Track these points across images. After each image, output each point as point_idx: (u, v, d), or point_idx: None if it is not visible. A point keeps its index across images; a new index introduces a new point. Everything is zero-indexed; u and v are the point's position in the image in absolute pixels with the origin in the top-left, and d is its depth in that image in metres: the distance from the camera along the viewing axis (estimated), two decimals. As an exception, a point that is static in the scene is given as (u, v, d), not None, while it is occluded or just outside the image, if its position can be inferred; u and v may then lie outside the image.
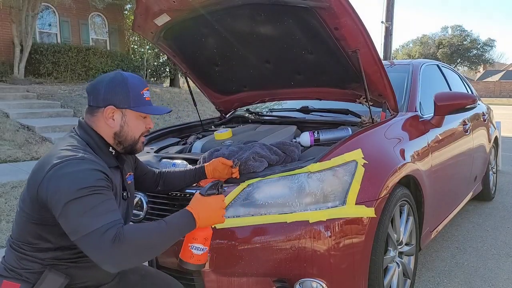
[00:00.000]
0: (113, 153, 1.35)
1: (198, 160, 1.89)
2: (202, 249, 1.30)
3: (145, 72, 14.82)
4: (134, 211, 1.79)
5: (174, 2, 2.01)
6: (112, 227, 1.11)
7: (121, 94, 1.31)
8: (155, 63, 15.70)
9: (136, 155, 1.54)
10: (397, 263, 1.97)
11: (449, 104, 2.43)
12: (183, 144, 2.46)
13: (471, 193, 3.43)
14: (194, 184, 1.75)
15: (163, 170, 1.73)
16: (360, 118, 2.33)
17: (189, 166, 1.86)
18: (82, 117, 1.38)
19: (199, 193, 1.34)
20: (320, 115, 2.62)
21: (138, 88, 1.34)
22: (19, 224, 1.25)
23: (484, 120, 3.76)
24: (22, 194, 1.27)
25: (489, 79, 42.07)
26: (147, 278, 1.50)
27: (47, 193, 1.13)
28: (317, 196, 1.60)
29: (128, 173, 1.46)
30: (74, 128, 1.36)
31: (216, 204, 1.32)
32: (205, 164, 1.74)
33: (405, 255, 2.10)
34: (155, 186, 1.69)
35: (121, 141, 1.34)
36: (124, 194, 1.40)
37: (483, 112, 3.81)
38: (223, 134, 2.31)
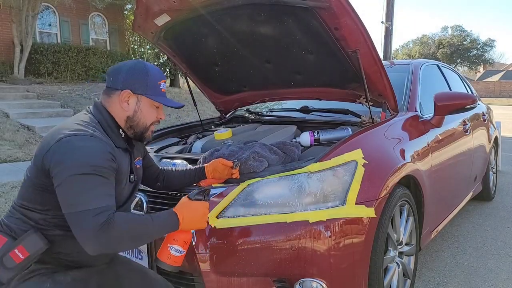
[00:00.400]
0: (123, 136, 1.38)
1: (198, 160, 1.89)
2: (180, 252, 1.34)
3: (145, 72, 14.79)
4: (134, 211, 1.79)
5: (174, 2, 2.01)
6: (104, 211, 1.14)
7: (140, 80, 1.35)
8: (155, 63, 15.70)
9: None
10: (397, 263, 1.97)
11: (449, 104, 2.43)
12: (183, 144, 2.46)
13: (471, 193, 3.43)
14: (194, 184, 1.75)
15: (165, 168, 1.75)
16: (360, 118, 2.34)
17: (189, 166, 1.86)
18: (98, 97, 1.42)
19: (187, 196, 1.38)
20: (320, 115, 2.62)
21: (157, 78, 1.39)
22: (22, 187, 1.30)
23: (484, 120, 3.76)
24: (30, 162, 1.30)
25: (489, 79, 42.08)
26: (133, 272, 1.51)
27: (51, 162, 1.16)
28: (317, 196, 1.60)
29: (137, 158, 1.50)
30: (89, 107, 1.40)
31: (201, 209, 1.36)
32: (205, 164, 1.74)
33: (405, 255, 2.10)
34: (155, 181, 1.70)
35: (133, 125, 1.38)
36: (131, 177, 1.43)
37: (483, 112, 3.81)
38: (223, 134, 2.31)
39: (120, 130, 1.38)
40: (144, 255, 1.72)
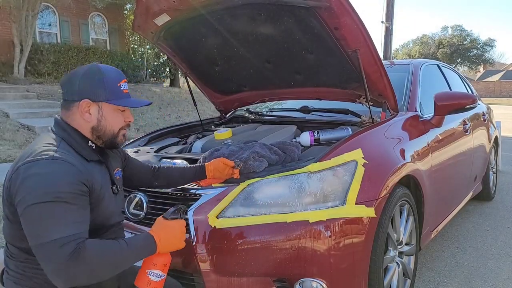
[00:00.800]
0: (93, 147, 1.30)
1: (198, 160, 1.89)
2: (160, 276, 1.25)
3: (145, 72, 14.84)
4: (134, 211, 1.79)
5: (174, 2, 2.01)
6: (71, 241, 1.06)
7: (97, 86, 1.26)
8: (155, 63, 15.71)
9: (134, 154, 1.52)
10: (397, 263, 1.97)
11: (449, 104, 2.43)
12: (183, 144, 2.46)
13: (471, 193, 3.43)
14: (194, 185, 1.75)
15: (162, 165, 1.71)
16: (360, 118, 2.34)
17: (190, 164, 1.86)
18: (58, 114, 1.33)
19: (162, 216, 1.32)
20: (320, 115, 2.62)
21: (115, 80, 1.30)
22: (4, 228, 1.22)
23: (484, 120, 3.76)
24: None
25: (489, 79, 42.06)
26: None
27: (12, 192, 1.11)
28: (317, 196, 1.60)
29: (116, 169, 1.42)
30: (51, 127, 1.31)
31: (178, 228, 1.29)
32: (206, 163, 1.74)
33: (405, 255, 2.10)
34: (153, 180, 1.66)
35: (100, 135, 1.30)
36: (114, 188, 1.36)
37: (483, 112, 3.81)
38: (223, 134, 2.31)
39: (89, 142, 1.29)
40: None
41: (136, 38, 15.35)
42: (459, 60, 42.71)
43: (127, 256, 1.16)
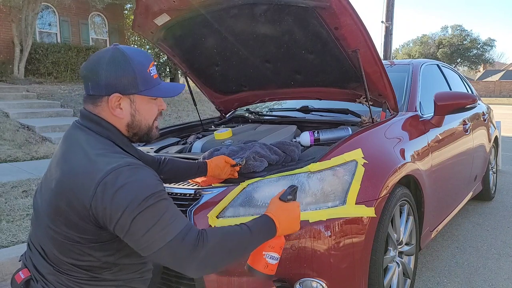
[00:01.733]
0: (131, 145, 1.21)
1: (198, 160, 1.89)
2: (277, 258, 1.21)
3: (145, 72, 14.78)
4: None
5: (174, 1, 2.01)
6: (188, 231, 1.03)
7: (126, 77, 1.10)
8: (155, 63, 15.69)
9: None
10: (397, 262, 1.97)
11: (449, 104, 2.43)
12: (183, 144, 2.46)
13: (471, 193, 3.43)
14: (194, 185, 1.74)
15: (167, 157, 1.62)
16: (360, 118, 2.33)
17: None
18: (84, 106, 1.17)
19: (279, 198, 1.25)
20: (320, 115, 2.62)
21: (144, 66, 1.13)
22: (57, 249, 1.09)
23: (484, 120, 3.76)
24: (48, 212, 1.08)
25: (489, 79, 42.06)
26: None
27: (105, 210, 0.99)
28: (317, 195, 1.60)
29: None
30: (79, 122, 1.16)
31: (296, 211, 1.23)
32: (208, 160, 1.72)
33: (405, 255, 2.10)
34: (160, 173, 1.56)
35: (136, 132, 1.18)
36: None
37: (483, 112, 3.81)
38: (223, 134, 2.31)
39: (127, 139, 1.19)
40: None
41: (136, 38, 15.34)
42: (459, 60, 42.71)
43: (251, 241, 1.11)
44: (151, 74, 1.15)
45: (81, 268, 1.10)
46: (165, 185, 1.73)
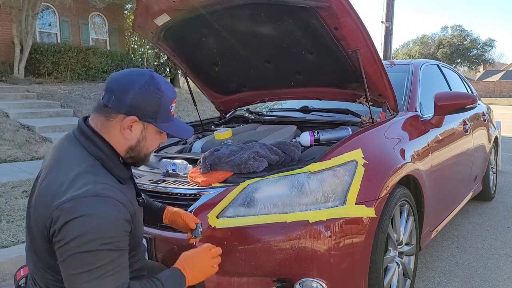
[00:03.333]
0: (123, 164, 1.19)
1: (198, 160, 1.89)
2: None
3: (145, 72, 14.76)
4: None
5: (174, 2, 2.01)
6: (126, 286, 1.02)
7: (152, 105, 1.12)
8: (155, 63, 15.69)
9: None
10: (397, 263, 1.97)
11: (449, 104, 2.43)
12: (183, 144, 2.46)
13: (471, 193, 3.43)
14: (194, 185, 1.74)
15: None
16: (360, 118, 2.33)
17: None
18: (83, 116, 1.18)
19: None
20: (320, 115, 2.62)
21: (170, 101, 1.16)
22: (35, 254, 1.10)
23: (484, 120, 3.76)
24: (28, 223, 1.10)
25: (489, 79, 42.06)
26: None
27: (54, 233, 0.98)
28: (317, 196, 1.60)
29: None
30: (74, 134, 1.16)
31: (204, 258, 1.25)
32: (167, 207, 1.56)
33: (405, 255, 2.10)
34: None
35: (134, 155, 1.18)
36: (140, 200, 1.28)
37: (483, 112, 3.81)
38: (223, 134, 2.31)
39: (120, 158, 1.17)
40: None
41: (136, 38, 15.34)
42: (459, 60, 42.71)
43: None
44: (171, 110, 1.19)
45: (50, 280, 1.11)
46: (165, 185, 1.75)
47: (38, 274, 1.13)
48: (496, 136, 4.32)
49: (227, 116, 3.10)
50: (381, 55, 8.67)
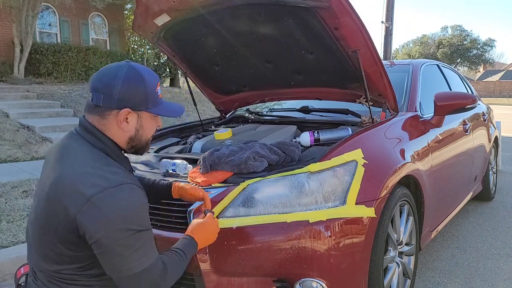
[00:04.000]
0: (126, 156, 1.27)
1: (198, 160, 1.89)
2: None
3: (145, 72, 14.78)
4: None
5: (174, 2, 2.01)
6: (156, 263, 1.12)
7: (139, 94, 1.17)
8: (155, 63, 15.70)
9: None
10: (397, 263, 1.97)
11: (449, 104, 2.43)
12: (183, 144, 2.46)
13: (471, 193, 3.43)
14: (194, 185, 1.74)
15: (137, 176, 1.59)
16: (360, 118, 2.33)
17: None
18: (84, 115, 1.22)
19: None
20: (320, 115, 2.62)
21: (154, 86, 1.22)
22: (41, 248, 1.14)
23: (484, 120, 3.76)
24: (37, 217, 1.13)
25: (489, 79, 42.05)
26: None
27: (88, 226, 1.03)
28: (317, 196, 1.60)
29: None
30: (76, 131, 1.20)
31: (211, 226, 1.40)
32: (174, 182, 1.62)
33: (405, 255, 2.10)
34: None
35: (135, 144, 1.25)
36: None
37: (483, 112, 3.81)
38: (223, 134, 2.31)
39: (122, 151, 1.24)
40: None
41: (136, 38, 15.35)
42: (459, 60, 42.70)
43: (186, 260, 1.27)
44: (158, 94, 1.24)
45: (60, 277, 1.15)
46: None
47: (44, 267, 1.15)
48: (496, 136, 4.32)
49: (227, 116, 3.10)
50: (381, 55, 8.67)
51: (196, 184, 1.74)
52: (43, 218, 1.12)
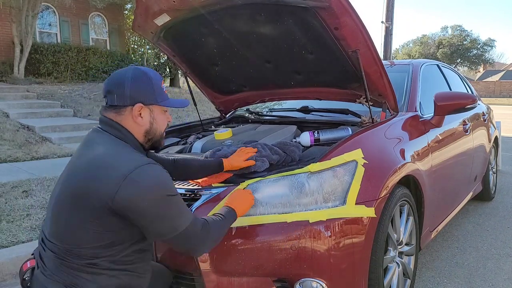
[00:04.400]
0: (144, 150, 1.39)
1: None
2: None
3: (145, 72, 14.78)
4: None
5: (174, 2, 2.01)
6: (195, 220, 1.30)
7: (147, 90, 1.32)
8: (155, 63, 15.70)
9: None
10: (397, 263, 1.97)
11: (449, 104, 2.43)
12: (183, 144, 2.46)
13: (471, 193, 3.43)
14: (194, 185, 1.74)
15: (178, 158, 1.72)
16: (360, 118, 2.33)
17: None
18: (103, 114, 1.35)
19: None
20: (320, 115, 2.62)
21: (159, 82, 1.37)
22: (69, 234, 1.22)
23: (484, 120, 3.76)
24: (62, 203, 1.22)
25: (489, 79, 42.05)
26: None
27: (130, 202, 1.15)
28: (317, 196, 1.60)
29: None
30: (98, 127, 1.34)
31: (246, 196, 1.55)
32: (224, 158, 1.77)
33: (405, 255, 2.10)
34: (174, 171, 1.67)
35: (151, 138, 1.38)
36: None
37: (483, 112, 3.81)
38: (223, 134, 2.31)
39: (140, 144, 1.37)
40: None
41: (136, 38, 15.35)
42: (459, 60, 42.70)
43: (227, 224, 1.42)
44: (163, 89, 1.39)
45: (82, 254, 1.22)
46: None
47: (59, 244, 1.22)
48: (496, 136, 4.32)
49: (227, 116, 3.10)
50: (381, 55, 8.67)
51: (196, 184, 1.75)
52: (72, 197, 1.20)
